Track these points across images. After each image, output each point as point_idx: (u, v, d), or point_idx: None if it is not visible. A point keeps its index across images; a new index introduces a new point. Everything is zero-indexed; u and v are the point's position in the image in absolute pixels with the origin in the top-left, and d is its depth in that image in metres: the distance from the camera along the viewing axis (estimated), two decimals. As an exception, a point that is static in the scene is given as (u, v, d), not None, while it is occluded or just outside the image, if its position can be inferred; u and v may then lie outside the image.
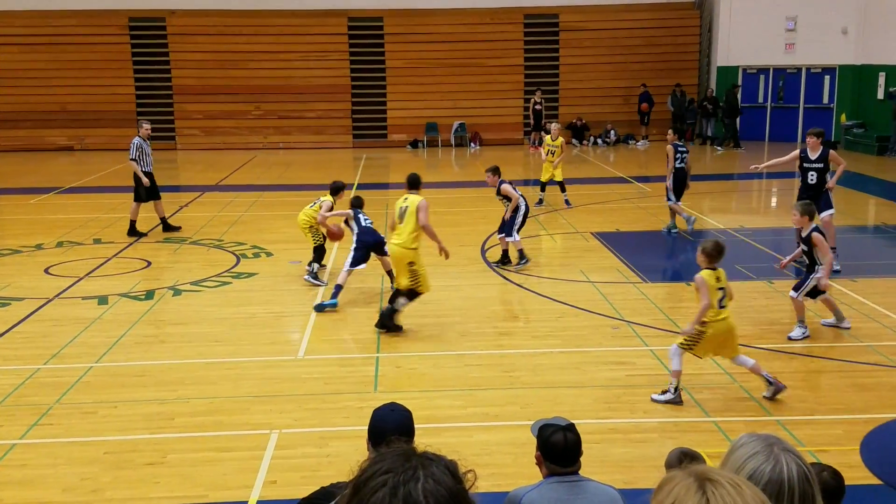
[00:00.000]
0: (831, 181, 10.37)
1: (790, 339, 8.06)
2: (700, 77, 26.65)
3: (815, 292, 8.04)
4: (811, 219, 7.90)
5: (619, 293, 9.71)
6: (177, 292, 10.05)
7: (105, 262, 11.58)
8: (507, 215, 10.87)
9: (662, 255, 12.54)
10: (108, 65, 25.48)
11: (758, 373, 6.66)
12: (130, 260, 11.69)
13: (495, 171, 10.96)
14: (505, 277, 10.53)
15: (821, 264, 7.92)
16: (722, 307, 6.53)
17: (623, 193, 16.40)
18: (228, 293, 10.02)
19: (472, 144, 25.97)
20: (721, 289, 6.55)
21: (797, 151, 10.53)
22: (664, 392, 6.66)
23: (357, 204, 9.91)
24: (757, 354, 7.68)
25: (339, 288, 9.32)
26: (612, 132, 25.69)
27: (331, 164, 22.43)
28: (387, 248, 9.19)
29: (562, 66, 26.47)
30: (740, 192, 18.54)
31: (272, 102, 25.95)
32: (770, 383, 6.60)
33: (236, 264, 11.37)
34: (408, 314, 9.10)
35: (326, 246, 10.56)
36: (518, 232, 10.91)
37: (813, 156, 10.35)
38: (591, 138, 25.98)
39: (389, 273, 9.56)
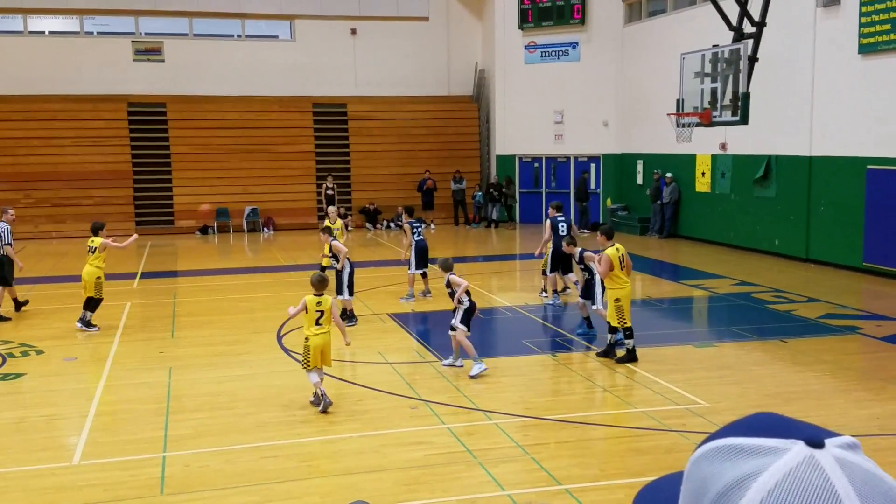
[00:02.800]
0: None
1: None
2: (482, 164, 28.26)
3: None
4: (446, 270, 10.09)
5: (417, 373, 9.87)
6: (-73, 400, 8.93)
7: None
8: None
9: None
10: None
11: (318, 387, 8.30)
12: None
13: (325, 230, 12.71)
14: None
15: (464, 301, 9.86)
16: (318, 324, 8.36)
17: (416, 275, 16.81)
18: (-9, 398, 9.04)
19: (266, 229, 25.65)
20: (319, 311, 8.37)
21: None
22: (315, 395, 8.33)
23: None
24: (544, 425, 8.06)
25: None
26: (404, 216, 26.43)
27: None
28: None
29: (352, 152, 27.08)
30: (528, 271, 19.59)
31: (44, 190, 24.30)
32: (323, 396, 8.26)
33: (1, 365, 10.33)
34: (202, 406, 8.68)
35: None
36: (349, 291, 12.16)
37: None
38: (384, 222, 26.57)
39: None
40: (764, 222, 19.30)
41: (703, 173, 21.73)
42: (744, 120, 13.72)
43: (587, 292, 11.48)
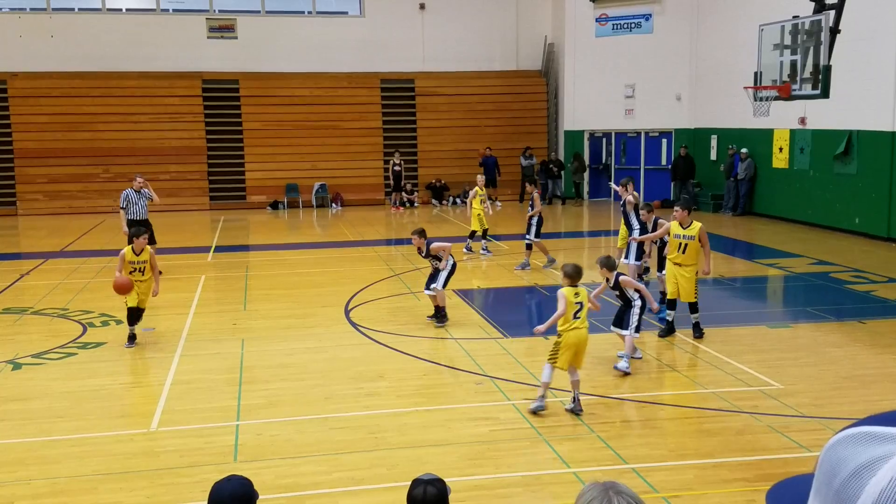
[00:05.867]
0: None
1: (616, 368, 8.83)
2: (549, 140, 27.94)
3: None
4: (611, 269, 8.85)
5: (482, 349, 9.88)
6: (16, 366, 9.37)
7: (-68, 336, 10.66)
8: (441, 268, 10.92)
9: (522, 311, 12.90)
10: (-61, 125, 23.91)
11: (575, 388, 7.60)
12: (-38, 333, 10.81)
13: (421, 233, 10.90)
14: (369, 337, 10.50)
15: (635, 300, 8.91)
16: (576, 318, 7.53)
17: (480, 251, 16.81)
18: (73, 365, 9.43)
19: (334, 205, 25.96)
20: (578, 304, 7.55)
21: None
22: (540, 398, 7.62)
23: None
24: (610, 404, 7.99)
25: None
26: (471, 192, 26.34)
27: (186, 226, 21.77)
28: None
29: (419, 128, 27.10)
30: (595, 249, 19.39)
31: (122, 165, 25.03)
32: (576, 400, 7.57)
33: (83, 334, 10.75)
34: (273, 378, 8.88)
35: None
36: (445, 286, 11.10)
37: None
38: (451, 198, 26.58)
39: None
40: (844, 200, 18.63)
41: (781, 149, 21.05)
42: (824, 93, 13.23)
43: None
